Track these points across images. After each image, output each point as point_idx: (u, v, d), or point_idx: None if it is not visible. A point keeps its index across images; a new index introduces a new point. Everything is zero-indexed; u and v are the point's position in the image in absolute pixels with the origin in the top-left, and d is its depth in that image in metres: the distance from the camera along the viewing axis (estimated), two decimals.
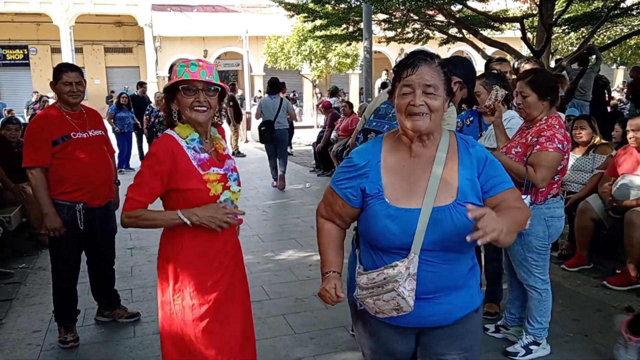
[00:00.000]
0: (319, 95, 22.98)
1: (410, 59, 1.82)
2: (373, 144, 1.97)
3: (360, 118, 3.30)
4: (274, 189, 9.20)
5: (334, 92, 15.40)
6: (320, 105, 13.66)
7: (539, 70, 3.54)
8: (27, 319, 4.12)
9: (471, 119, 4.03)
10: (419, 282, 1.78)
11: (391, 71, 1.84)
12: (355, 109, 11.77)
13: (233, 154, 13.51)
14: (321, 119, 16.29)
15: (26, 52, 28.90)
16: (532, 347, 3.36)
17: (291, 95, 14.84)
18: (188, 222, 2.24)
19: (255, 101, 20.34)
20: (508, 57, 12.70)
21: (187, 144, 2.31)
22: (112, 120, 11.39)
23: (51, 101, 12.63)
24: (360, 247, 1.98)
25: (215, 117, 2.43)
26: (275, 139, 9.07)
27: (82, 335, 3.78)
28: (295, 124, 14.52)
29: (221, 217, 2.28)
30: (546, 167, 3.11)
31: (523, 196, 3.13)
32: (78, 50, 27.53)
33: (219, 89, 2.34)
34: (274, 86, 9.44)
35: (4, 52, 28.54)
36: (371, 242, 1.89)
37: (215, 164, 2.37)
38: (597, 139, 5.35)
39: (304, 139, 16.75)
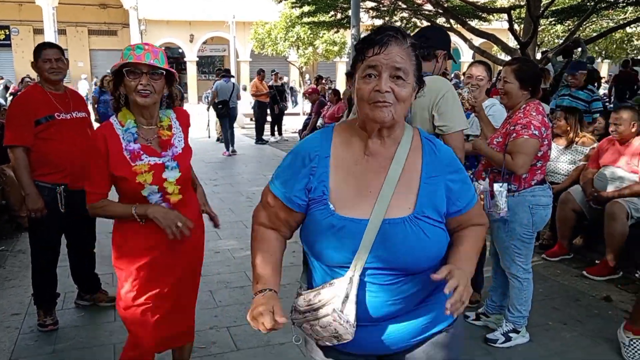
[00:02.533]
0: (308, 82, 22.86)
1: (379, 35, 1.49)
2: (321, 135, 1.62)
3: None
4: (259, 175, 9.18)
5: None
6: (306, 91, 13.67)
7: (525, 59, 3.56)
8: (6, 302, 4.07)
9: None
10: (361, 306, 1.50)
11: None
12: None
13: (218, 139, 13.47)
14: (307, 107, 16.24)
15: (8, 33, 28.36)
16: (511, 334, 3.40)
17: (279, 83, 14.67)
18: (137, 218, 2.32)
19: (245, 89, 20.27)
20: (494, 48, 12.73)
21: (124, 132, 2.35)
22: (96, 105, 11.21)
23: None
24: (307, 262, 1.69)
25: (165, 102, 2.46)
26: (230, 115, 11.58)
27: (62, 319, 3.74)
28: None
29: (173, 219, 2.30)
30: (523, 153, 3.14)
31: (499, 184, 3.16)
32: (61, 32, 27.03)
33: (164, 73, 2.35)
34: (228, 72, 12.64)
35: None
36: (312, 255, 1.61)
37: (153, 153, 2.38)
38: (577, 133, 5.37)
39: (289, 126, 16.69)
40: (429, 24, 12.67)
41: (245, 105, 18.10)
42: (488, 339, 3.42)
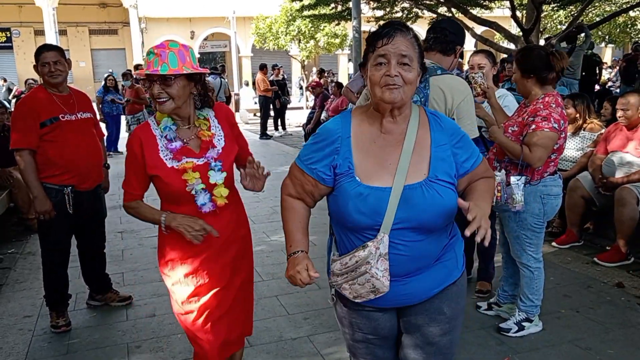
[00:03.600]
0: (313, 77, 22.83)
1: (386, 29, 1.75)
2: (342, 118, 1.88)
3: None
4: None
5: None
6: (309, 85, 13.67)
7: (528, 47, 3.52)
8: (18, 305, 4.09)
9: None
10: (391, 263, 1.74)
11: None
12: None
13: None
14: (311, 101, 16.21)
15: (9, 35, 28.37)
16: (524, 323, 3.39)
17: (280, 77, 14.64)
18: (163, 226, 2.30)
19: (247, 84, 20.34)
20: (497, 35, 12.62)
21: (161, 132, 2.30)
22: (100, 105, 11.22)
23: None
24: (335, 232, 1.92)
25: (198, 102, 2.33)
26: None
27: (74, 320, 3.75)
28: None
29: (198, 229, 2.26)
30: (542, 146, 3.09)
31: (517, 177, 3.12)
32: (62, 33, 27.01)
33: (182, 75, 2.20)
34: (217, 69, 13.61)
35: None
36: (342, 223, 1.83)
37: (192, 154, 2.31)
38: (585, 119, 5.33)
39: (293, 120, 16.67)
40: (431, 14, 12.61)
41: (248, 100, 18.10)
42: (501, 329, 3.41)
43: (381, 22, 14.19)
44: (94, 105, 4.03)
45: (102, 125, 7.64)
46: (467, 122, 2.75)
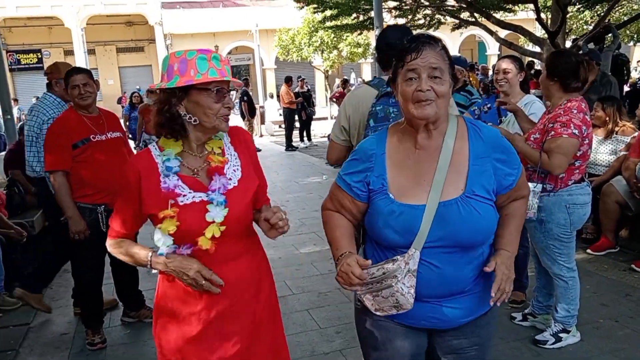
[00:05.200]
0: (337, 87, 22.92)
1: (414, 43, 1.70)
2: (378, 136, 1.86)
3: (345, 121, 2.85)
4: (292, 182, 9.20)
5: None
6: (333, 95, 13.70)
7: (559, 52, 3.48)
8: (55, 322, 4.17)
9: (489, 105, 3.97)
10: (420, 282, 1.69)
11: None
12: None
13: None
14: (335, 110, 16.24)
15: (40, 56, 29.15)
16: (561, 334, 3.31)
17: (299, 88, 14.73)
18: (153, 270, 1.87)
19: (272, 96, 20.48)
20: (522, 39, 12.47)
21: (162, 162, 1.85)
22: (128, 122, 11.44)
23: None
24: (366, 242, 1.90)
25: None
26: None
27: (109, 337, 3.81)
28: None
29: (193, 276, 1.80)
30: (561, 153, 3.02)
31: (534, 184, 3.07)
32: (90, 52, 27.71)
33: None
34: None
35: (18, 56, 28.82)
36: (375, 240, 1.81)
37: (200, 187, 1.86)
38: (617, 122, 5.21)
39: (318, 130, 16.71)
40: (453, 20, 12.55)
41: (273, 112, 18.23)
42: (537, 341, 3.34)
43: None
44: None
45: (131, 142, 7.76)
46: None
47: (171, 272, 1.84)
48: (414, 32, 2.45)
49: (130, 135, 11.06)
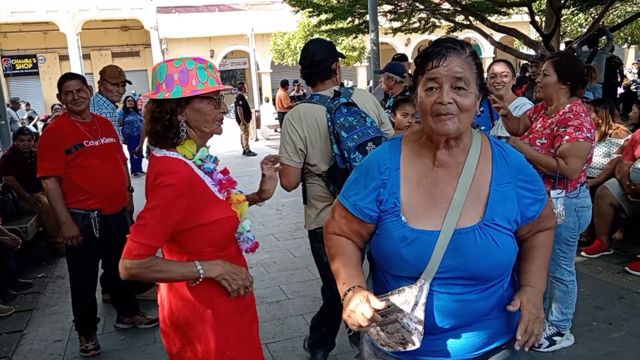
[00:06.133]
0: None
1: (437, 48, 1.49)
2: (390, 147, 1.63)
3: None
4: None
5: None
6: None
7: (569, 55, 3.46)
8: (48, 329, 4.15)
9: (482, 109, 3.97)
10: (429, 315, 1.50)
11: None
12: None
13: (244, 153, 13.59)
14: None
15: (35, 61, 29.12)
16: (555, 338, 3.31)
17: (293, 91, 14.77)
18: (201, 277, 1.84)
19: (267, 100, 20.48)
20: (516, 42, 12.51)
21: (199, 164, 1.91)
22: (121, 127, 11.40)
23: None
24: (375, 270, 1.71)
25: None
26: None
27: (103, 343, 3.79)
28: None
29: (245, 278, 1.91)
30: (578, 157, 2.99)
31: (557, 191, 3.03)
32: (86, 57, 27.67)
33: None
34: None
35: (14, 62, 28.77)
36: (381, 266, 1.63)
37: (232, 183, 2.03)
38: (610, 124, 5.23)
39: None
40: (448, 23, 12.59)
41: (268, 117, 18.24)
42: None
43: (399, 33, 14.24)
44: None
45: (124, 147, 7.74)
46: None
47: (224, 274, 1.86)
48: (410, 36, 2.40)
49: (123, 140, 11.01)
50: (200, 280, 1.84)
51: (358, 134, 2.68)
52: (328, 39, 3.02)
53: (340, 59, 3.00)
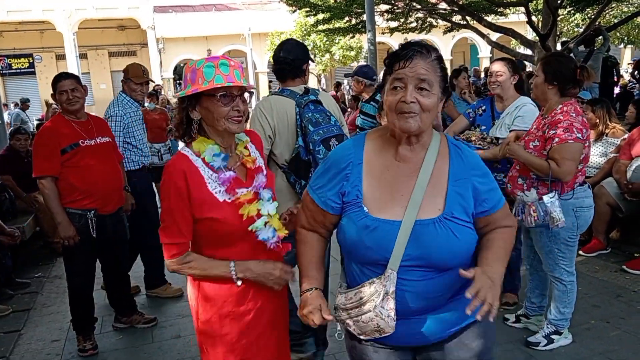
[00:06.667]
0: (323, 89, 22.98)
1: (404, 50, 1.60)
2: (354, 142, 1.75)
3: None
4: None
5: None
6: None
7: (559, 54, 3.45)
8: (46, 329, 4.14)
9: (483, 108, 3.97)
10: (399, 301, 1.61)
11: None
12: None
13: None
14: None
15: (31, 61, 28.99)
16: (553, 336, 3.32)
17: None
18: (238, 281, 1.92)
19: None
20: (513, 41, 12.52)
21: (206, 161, 1.92)
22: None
23: None
24: (344, 261, 1.80)
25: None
26: None
27: (101, 343, 3.78)
28: None
29: (279, 275, 1.97)
30: (569, 159, 2.97)
31: (549, 195, 3.03)
32: (82, 56, 27.58)
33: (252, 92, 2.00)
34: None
35: (10, 61, 28.65)
36: (347, 254, 1.73)
37: (241, 184, 1.97)
38: (607, 124, 5.23)
39: None
40: (445, 23, 12.60)
41: None
42: (529, 342, 3.34)
43: (396, 33, 14.24)
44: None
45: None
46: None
47: (257, 276, 1.94)
48: (408, 36, 2.46)
49: None
50: (239, 281, 1.92)
51: (323, 130, 2.89)
52: (302, 45, 3.18)
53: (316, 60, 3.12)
